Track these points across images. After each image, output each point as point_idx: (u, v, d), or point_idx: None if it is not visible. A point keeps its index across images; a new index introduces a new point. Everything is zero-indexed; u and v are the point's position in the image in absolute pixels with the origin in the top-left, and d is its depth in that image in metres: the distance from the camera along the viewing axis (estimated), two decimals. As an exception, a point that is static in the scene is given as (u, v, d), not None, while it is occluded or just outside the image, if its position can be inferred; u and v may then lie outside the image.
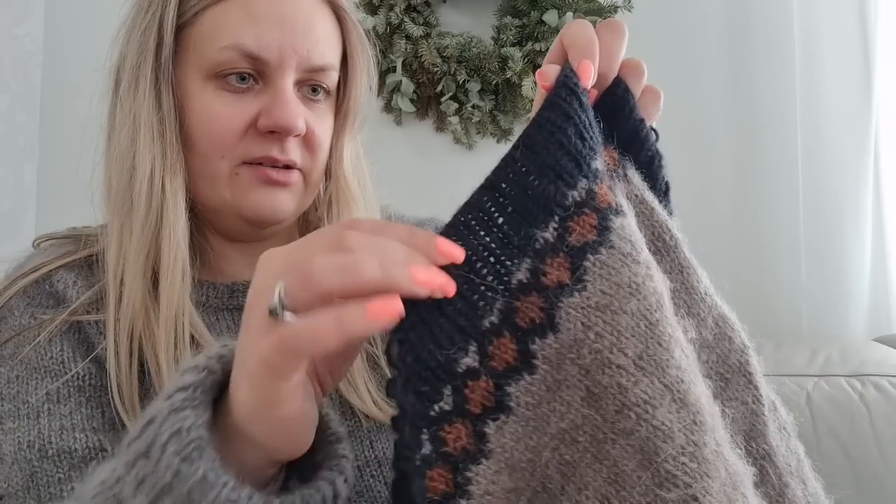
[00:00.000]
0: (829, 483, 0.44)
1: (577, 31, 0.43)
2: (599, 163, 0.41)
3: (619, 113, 0.44)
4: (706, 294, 0.43)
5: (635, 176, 0.44)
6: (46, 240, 0.67)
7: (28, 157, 1.60)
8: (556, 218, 0.38)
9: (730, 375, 0.43)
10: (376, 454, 0.61)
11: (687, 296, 0.43)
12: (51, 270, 0.62)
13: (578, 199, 0.39)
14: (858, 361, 1.21)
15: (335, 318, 0.33)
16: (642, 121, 0.45)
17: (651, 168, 0.45)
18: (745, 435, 0.42)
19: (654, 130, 0.47)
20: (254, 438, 0.37)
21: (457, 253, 0.36)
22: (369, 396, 0.62)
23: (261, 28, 0.59)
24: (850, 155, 1.47)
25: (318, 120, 0.64)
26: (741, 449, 0.41)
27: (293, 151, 0.61)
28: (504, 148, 1.55)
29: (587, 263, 0.37)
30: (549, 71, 0.42)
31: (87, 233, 0.65)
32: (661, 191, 0.46)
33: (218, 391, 0.39)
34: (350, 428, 0.62)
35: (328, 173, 0.69)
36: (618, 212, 0.39)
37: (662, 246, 0.43)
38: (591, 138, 0.41)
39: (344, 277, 0.33)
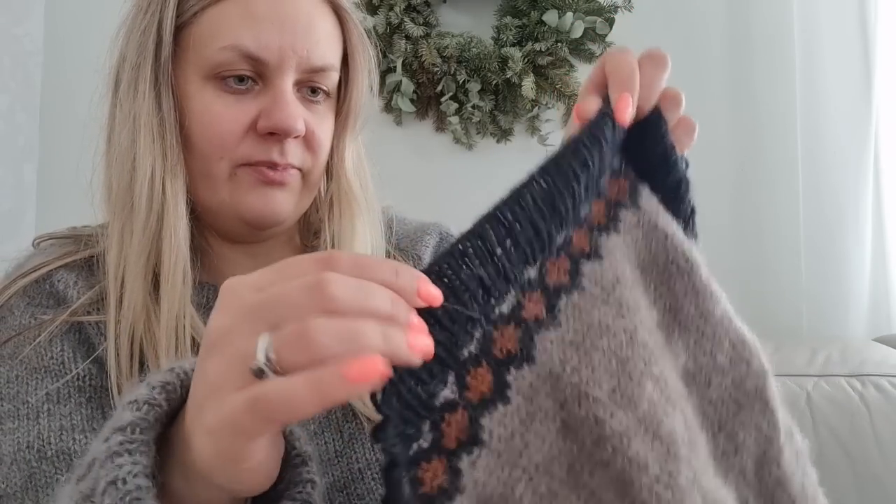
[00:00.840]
0: (829, 483, 0.44)
1: (619, 61, 0.43)
2: (587, 208, 0.42)
3: (649, 137, 0.45)
4: (723, 317, 0.44)
5: (650, 202, 0.45)
6: (47, 239, 0.67)
7: (28, 157, 1.60)
8: (541, 258, 0.40)
9: (744, 400, 0.42)
10: (378, 457, 0.61)
11: (701, 320, 0.43)
12: (51, 270, 0.62)
13: (560, 242, 0.40)
14: (858, 361, 1.21)
15: (312, 384, 0.29)
16: (673, 147, 0.45)
17: (677, 193, 0.46)
18: (757, 461, 0.42)
19: (685, 159, 0.48)
20: (214, 484, 0.34)
21: (437, 297, 0.34)
22: (371, 398, 0.62)
23: (260, 29, 0.58)
24: (850, 155, 1.47)
25: (318, 121, 0.63)
26: (751, 475, 0.41)
27: (293, 154, 0.61)
28: (504, 148, 1.55)
29: (561, 304, 0.39)
30: (587, 109, 0.43)
31: (88, 232, 0.65)
32: (686, 215, 0.47)
33: (167, 420, 0.37)
34: (352, 430, 0.62)
35: (329, 174, 0.68)
36: (591, 256, 0.41)
37: (676, 270, 0.43)
38: (592, 187, 0.42)
39: (346, 347, 0.29)
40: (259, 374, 0.30)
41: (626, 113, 0.42)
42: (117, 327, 0.57)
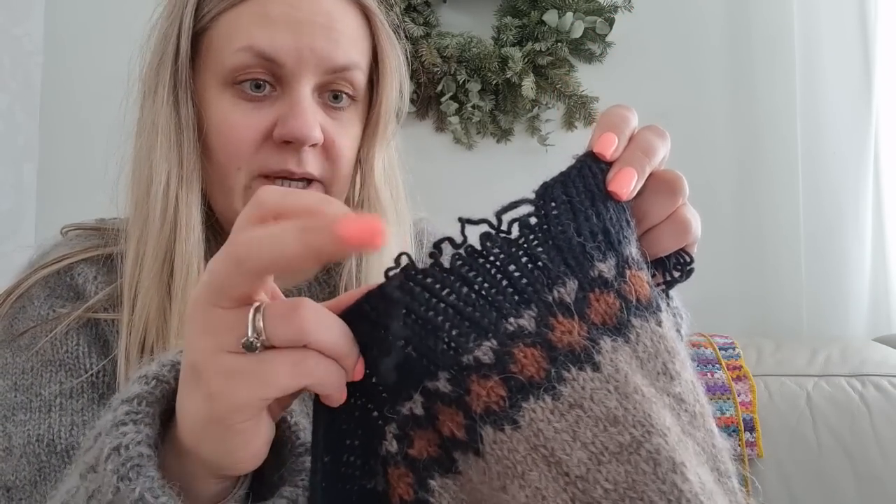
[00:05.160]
0: (829, 483, 0.43)
1: (612, 110, 0.39)
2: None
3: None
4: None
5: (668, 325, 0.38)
6: (74, 229, 0.67)
7: (28, 157, 1.60)
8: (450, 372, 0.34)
9: None
10: None
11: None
12: (72, 263, 0.62)
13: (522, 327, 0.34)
14: (858, 361, 1.21)
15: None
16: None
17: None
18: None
19: (685, 254, 0.41)
20: (204, 461, 0.35)
21: (374, 237, 0.30)
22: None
23: (276, 29, 0.57)
24: (850, 155, 1.47)
25: (339, 128, 0.61)
26: None
27: (311, 163, 0.59)
28: (504, 148, 1.55)
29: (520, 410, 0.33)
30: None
31: (114, 227, 0.64)
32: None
33: (172, 399, 0.37)
34: None
35: (360, 181, 0.67)
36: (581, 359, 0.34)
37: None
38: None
39: (330, 332, 0.33)
40: (250, 347, 0.31)
41: (608, 149, 0.37)
42: (129, 333, 0.57)
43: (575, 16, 1.50)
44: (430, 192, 0.77)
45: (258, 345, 0.31)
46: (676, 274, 0.41)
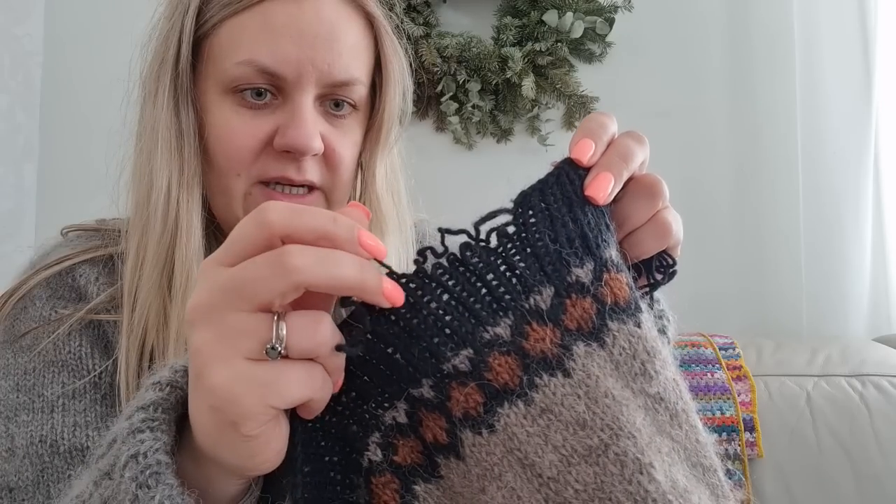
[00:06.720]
0: (829, 483, 0.43)
1: (591, 117, 0.39)
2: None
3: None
4: None
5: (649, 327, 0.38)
6: (75, 230, 0.67)
7: (28, 157, 1.60)
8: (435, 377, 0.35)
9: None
10: None
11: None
12: (74, 265, 0.62)
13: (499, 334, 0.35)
14: (858, 361, 1.21)
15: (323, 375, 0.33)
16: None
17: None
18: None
19: (667, 257, 0.41)
20: (223, 464, 0.35)
21: (379, 249, 0.34)
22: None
23: (278, 42, 0.56)
24: (850, 155, 1.47)
25: (340, 136, 0.61)
26: None
27: (311, 171, 0.59)
28: (504, 148, 1.55)
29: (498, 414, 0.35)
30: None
31: (114, 227, 0.64)
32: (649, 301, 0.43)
33: (185, 404, 0.37)
34: None
35: (362, 186, 0.67)
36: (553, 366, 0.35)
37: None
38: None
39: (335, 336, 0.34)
40: (273, 353, 0.31)
41: (585, 154, 0.37)
42: (128, 336, 0.57)
43: (575, 16, 1.50)
44: (430, 193, 0.77)
45: (281, 353, 0.31)
46: (659, 276, 0.41)
